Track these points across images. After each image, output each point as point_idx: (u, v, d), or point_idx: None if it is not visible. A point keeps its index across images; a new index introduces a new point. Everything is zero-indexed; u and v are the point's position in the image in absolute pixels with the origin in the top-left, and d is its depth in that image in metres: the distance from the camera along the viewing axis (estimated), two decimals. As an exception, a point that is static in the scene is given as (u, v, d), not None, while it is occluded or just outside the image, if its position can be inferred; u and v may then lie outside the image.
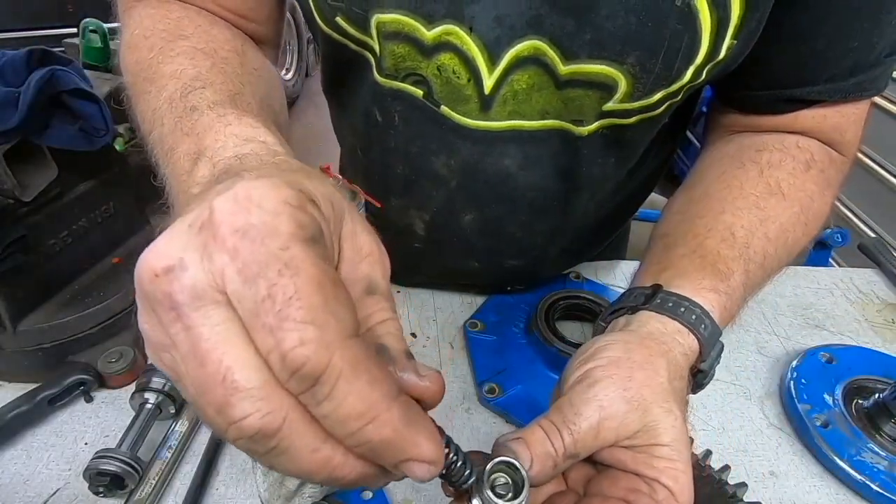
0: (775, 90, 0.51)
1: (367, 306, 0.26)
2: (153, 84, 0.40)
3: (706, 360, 0.40)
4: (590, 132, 0.50)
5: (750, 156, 0.51)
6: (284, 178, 0.23)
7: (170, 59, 0.41)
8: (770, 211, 0.48)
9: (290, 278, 0.20)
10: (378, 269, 0.26)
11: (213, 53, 0.42)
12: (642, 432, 0.34)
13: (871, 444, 0.53)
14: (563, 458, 0.32)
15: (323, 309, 0.20)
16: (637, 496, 0.32)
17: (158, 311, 0.21)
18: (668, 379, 0.36)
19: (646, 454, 0.33)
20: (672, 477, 0.33)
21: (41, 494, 0.47)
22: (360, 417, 0.21)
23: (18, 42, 2.45)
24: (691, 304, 0.40)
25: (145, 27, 0.45)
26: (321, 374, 0.20)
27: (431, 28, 0.45)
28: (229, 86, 0.38)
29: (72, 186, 0.58)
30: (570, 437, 0.32)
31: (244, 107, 0.36)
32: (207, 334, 0.20)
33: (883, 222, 1.90)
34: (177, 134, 0.35)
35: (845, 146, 0.54)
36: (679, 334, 0.39)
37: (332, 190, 0.25)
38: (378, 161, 0.59)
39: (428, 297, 0.70)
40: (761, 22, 0.44)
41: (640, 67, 0.44)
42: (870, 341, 0.68)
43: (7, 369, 0.56)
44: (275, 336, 0.19)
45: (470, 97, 0.48)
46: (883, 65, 0.49)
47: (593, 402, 0.34)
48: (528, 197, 0.56)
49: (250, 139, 0.32)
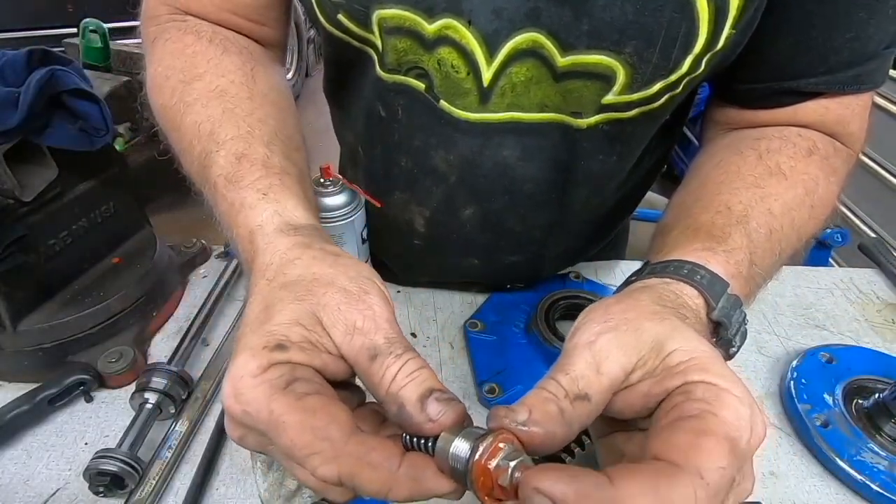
0: (771, 82, 0.50)
1: (375, 372, 0.30)
2: (183, 139, 0.46)
3: (716, 309, 0.36)
4: (589, 125, 0.50)
5: (748, 143, 0.50)
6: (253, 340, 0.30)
7: (188, 106, 0.46)
8: (770, 189, 0.45)
9: (283, 434, 0.28)
10: (370, 332, 0.31)
11: (222, 95, 0.46)
12: (647, 353, 0.30)
13: (871, 444, 0.53)
14: (567, 402, 0.28)
15: (313, 440, 0.28)
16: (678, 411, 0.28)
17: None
18: (651, 302, 0.34)
19: (663, 370, 0.30)
20: (699, 369, 0.29)
21: (41, 494, 0.47)
22: (379, 493, 0.28)
23: (18, 42, 2.45)
24: (680, 262, 0.38)
25: (165, 65, 0.50)
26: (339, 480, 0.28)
27: (432, 22, 0.45)
28: (238, 144, 0.43)
29: (72, 186, 0.58)
30: (565, 377, 0.29)
31: (247, 170, 0.41)
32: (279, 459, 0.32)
33: (883, 222, 1.90)
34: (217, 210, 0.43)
35: (850, 139, 0.53)
36: (667, 284, 0.37)
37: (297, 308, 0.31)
38: (380, 158, 0.59)
39: (428, 296, 0.70)
40: (759, 10, 0.44)
41: (637, 57, 0.44)
42: (870, 341, 0.68)
43: (7, 369, 0.56)
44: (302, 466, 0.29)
45: (469, 91, 0.48)
46: (881, 57, 0.48)
47: (579, 344, 0.31)
48: (527, 190, 0.56)
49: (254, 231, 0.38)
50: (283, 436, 0.28)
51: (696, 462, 0.25)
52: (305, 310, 0.31)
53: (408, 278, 0.71)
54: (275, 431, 0.28)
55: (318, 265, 0.34)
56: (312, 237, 0.37)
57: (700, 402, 0.28)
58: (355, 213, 0.56)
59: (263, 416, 0.28)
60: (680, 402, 0.28)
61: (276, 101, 0.49)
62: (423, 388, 0.30)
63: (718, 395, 0.28)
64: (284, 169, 0.42)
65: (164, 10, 0.54)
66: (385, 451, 0.29)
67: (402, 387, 0.30)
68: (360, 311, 0.31)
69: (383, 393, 0.30)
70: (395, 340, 0.31)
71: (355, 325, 0.31)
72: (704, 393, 0.28)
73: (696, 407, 0.27)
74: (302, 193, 0.41)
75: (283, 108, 0.49)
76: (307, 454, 0.28)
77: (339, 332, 0.31)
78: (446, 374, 0.60)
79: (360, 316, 0.31)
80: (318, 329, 0.31)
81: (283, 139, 0.45)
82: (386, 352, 0.30)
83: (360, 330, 0.31)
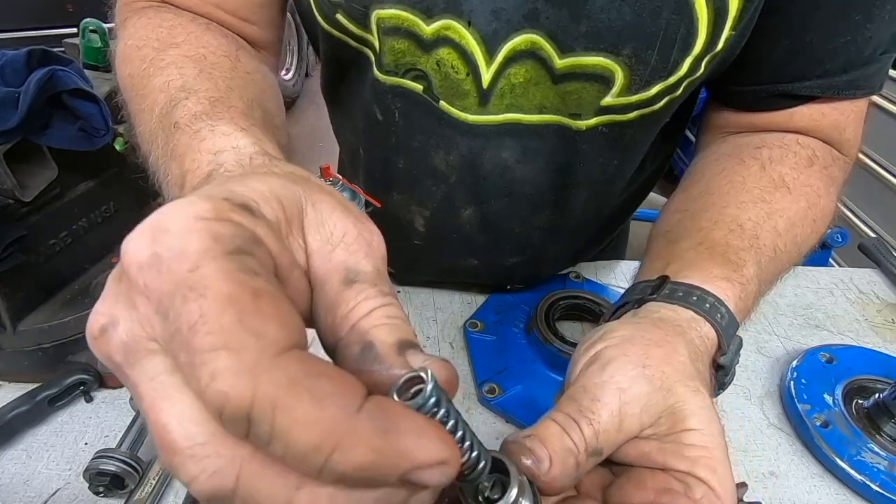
0: (767, 85, 0.50)
1: (348, 299, 0.22)
2: (146, 100, 0.39)
3: (726, 353, 0.37)
4: (588, 127, 0.50)
5: (750, 152, 0.51)
6: (213, 189, 0.21)
7: (160, 70, 0.40)
8: (776, 205, 0.46)
9: (194, 302, 0.17)
10: (358, 252, 0.23)
11: (201, 59, 0.41)
12: (666, 417, 0.29)
13: (871, 444, 0.53)
14: (585, 456, 0.28)
15: (237, 328, 0.17)
16: (671, 498, 0.28)
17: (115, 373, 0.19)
18: (689, 359, 0.32)
19: (674, 443, 0.29)
20: (708, 467, 0.28)
21: (41, 494, 0.47)
22: (318, 450, 0.16)
23: (18, 42, 2.45)
24: (703, 292, 0.37)
25: (139, 37, 0.45)
26: (250, 409, 0.16)
27: (430, 23, 0.45)
28: (213, 92, 0.36)
29: (72, 186, 0.58)
30: (589, 428, 0.28)
31: (225, 110, 0.34)
32: (145, 391, 0.18)
33: (883, 222, 1.90)
34: (166, 159, 0.34)
35: (845, 145, 0.54)
36: (694, 321, 0.36)
37: (281, 184, 0.23)
38: (379, 159, 0.59)
39: (428, 296, 0.70)
40: (757, 11, 0.44)
41: (636, 59, 0.44)
42: (870, 341, 0.68)
43: (7, 369, 0.56)
44: (193, 373, 0.16)
45: (468, 92, 0.48)
46: (878, 62, 0.49)
47: (611, 384, 0.30)
48: (526, 191, 0.56)
49: (221, 150, 0.30)
50: (190, 307, 0.17)
51: None
52: (291, 191, 0.23)
53: (407, 278, 0.71)
54: (181, 299, 0.17)
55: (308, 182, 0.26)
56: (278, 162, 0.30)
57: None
58: (355, 213, 0.56)
59: (179, 268, 0.18)
60: (676, 491, 0.28)
61: (259, 82, 0.44)
62: (402, 335, 0.22)
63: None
64: (266, 127, 0.36)
65: (142, 2, 0.50)
66: (341, 381, 0.17)
67: (376, 325, 0.22)
68: (355, 226, 0.24)
69: (348, 326, 0.22)
70: (384, 278, 0.24)
71: (344, 236, 0.23)
72: (703, 498, 0.28)
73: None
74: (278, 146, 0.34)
75: (266, 89, 0.45)
76: (214, 346, 0.16)
77: (319, 239, 0.23)
78: (446, 374, 0.60)
79: (353, 230, 0.24)
80: (296, 223, 0.23)
81: (265, 112, 0.39)
82: (370, 281, 0.23)
83: (348, 246, 0.23)
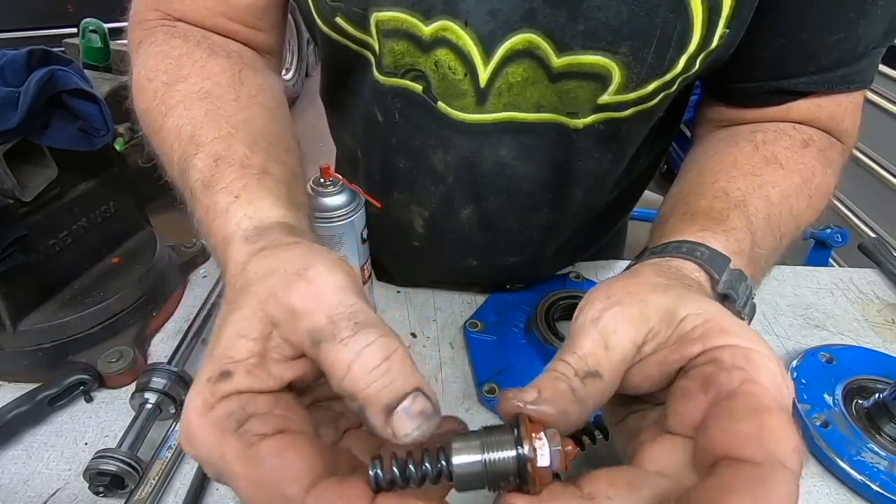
0: (762, 82, 0.51)
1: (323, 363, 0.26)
2: (164, 144, 0.44)
3: (720, 282, 0.36)
4: (585, 125, 0.50)
5: (744, 136, 0.50)
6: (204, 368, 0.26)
7: (171, 109, 0.43)
8: (768, 177, 0.45)
9: (234, 483, 0.24)
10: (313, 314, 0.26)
11: (206, 97, 0.43)
12: (658, 325, 0.29)
13: (871, 444, 0.53)
14: (578, 380, 0.27)
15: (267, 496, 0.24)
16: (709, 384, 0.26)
17: None
18: (654, 275, 0.33)
19: (678, 338, 0.28)
20: (718, 331, 0.27)
21: (41, 494, 0.47)
22: None
23: (18, 42, 2.45)
24: (679, 242, 0.38)
25: (149, 68, 0.48)
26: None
27: (429, 23, 0.45)
28: (218, 145, 0.39)
29: (72, 186, 0.58)
30: (573, 356, 0.28)
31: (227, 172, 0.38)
32: None
33: (883, 222, 1.89)
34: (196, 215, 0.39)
35: (844, 135, 0.54)
36: (671, 262, 0.36)
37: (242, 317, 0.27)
38: (379, 160, 0.59)
39: (428, 297, 0.70)
40: (751, 9, 0.44)
41: (632, 57, 0.44)
42: (870, 341, 0.68)
43: (7, 369, 0.56)
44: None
45: (466, 92, 0.49)
46: (869, 57, 0.49)
47: (582, 322, 0.29)
48: (525, 189, 0.56)
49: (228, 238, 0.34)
50: (237, 488, 0.24)
51: (776, 453, 0.24)
52: (247, 315, 0.27)
53: (407, 278, 0.71)
54: (230, 481, 0.25)
55: (266, 262, 0.29)
56: (279, 235, 0.33)
57: (735, 371, 0.26)
58: (355, 213, 0.56)
59: (217, 462, 0.24)
60: (711, 372, 0.26)
61: (264, 103, 0.46)
62: (392, 394, 0.24)
63: (749, 357, 0.26)
64: (265, 169, 0.38)
65: (153, 16, 0.53)
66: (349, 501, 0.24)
67: (363, 389, 0.24)
68: (298, 292, 0.26)
69: (337, 387, 0.25)
70: (340, 317, 0.25)
71: (294, 309, 0.26)
72: (734, 359, 0.26)
73: (735, 378, 0.26)
74: (283, 192, 0.38)
75: (272, 109, 0.47)
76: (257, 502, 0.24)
77: (287, 325, 0.26)
78: (446, 374, 0.60)
79: (297, 297, 0.26)
80: (268, 332, 0.27)
81: (270, 140, 0.42)
82: (329, 335, 0.25)
83: (300, 313, 0.26)
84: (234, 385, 0.25)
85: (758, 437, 0.24)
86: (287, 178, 0.40)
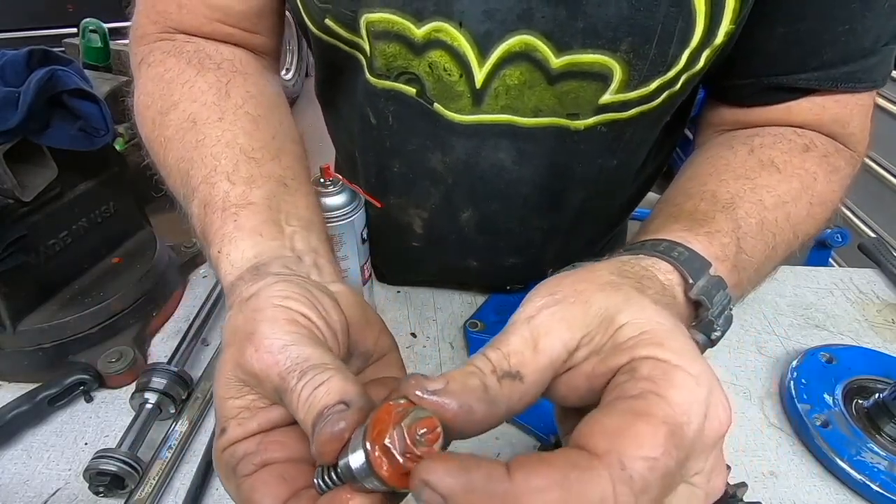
0: (762, 77, 0.49)
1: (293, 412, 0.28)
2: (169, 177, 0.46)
3: (694, 286, 0.33)
4: (587, 127, 0.49)
5: (740, 140, 0.49)
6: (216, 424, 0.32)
7: (169, 142, 0.45)
8: (762, 181, 0.43)
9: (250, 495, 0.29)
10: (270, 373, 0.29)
11: (193, 125, 0.44)
12: (596, 329, 0.26)
13: (871, 444, 0.53)
14: (494, 378, 0.25)
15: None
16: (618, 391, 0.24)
17: None
18: (608, 273, 0.30)
19: (611, 347, 0.26)
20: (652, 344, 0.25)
21: (41, 494, 0.47)
22: None
23: (18, 42, 2.46)
24: (656, 241, 0.35)
25: (147, 93, 0.49)
26: None
27: (421, 25, 0.45)
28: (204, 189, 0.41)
29: (72, 186, 0.58)
30: (496, 352, 0.26)
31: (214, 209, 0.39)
32: None
33: (883, 222, 1.89)
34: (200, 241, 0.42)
35: (850, 140, 0.51)
36: (641, 260, 0.34)
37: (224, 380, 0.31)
38: (375, 162, 0.59)
39: (428, 297, 0.70)
40: (752, 2, 0.43)
41: (633, 54, 0.43)
42: (870, 341, 0.68)
43: (7, 369, 0.57)
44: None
45: (462, 93, 0.48)
46: (879, 54, 0.47)
47: (519, 320, 0.27)
48: (523, 192, 0.55)
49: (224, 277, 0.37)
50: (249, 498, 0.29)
51: (620, 450, 0.21)
52: (229, 378, 0.31)
53: (407, 279, 0.71)
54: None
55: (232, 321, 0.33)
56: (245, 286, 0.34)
57: (644, 381, 0.23)
58: (355, 213, 0.56)
59: (231, 490, 0.30)
60: (622, 381, 0.24)
61: (251, 111, 0.45)
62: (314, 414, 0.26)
63: (667, 372, 0.24)
64: (245, 197, 0.39)
65: (153, 30, 0.52)
66: None
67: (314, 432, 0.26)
68: (252, 358, 0.29)
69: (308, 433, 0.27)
70: (287, 371, 0.28)
71: (254, 373, 0.29)
72: (651, 371, 0.24)
73: (639, 387, 0.23)
74: (262, 217, 0.38)
75: (261, 115, 0.46)
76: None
77: (257, 386, 0.30)
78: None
79: (254, 363, 0.29)
80: (246, 391, 0.31)
81: (255, 151, 0.42)
82: (284, 389, 0.28)
83: (259, 376, 0.29)
84: (228, 438, 0.30)
85: (613, 433, 0.22)
86: (272, 191, 0.40)
